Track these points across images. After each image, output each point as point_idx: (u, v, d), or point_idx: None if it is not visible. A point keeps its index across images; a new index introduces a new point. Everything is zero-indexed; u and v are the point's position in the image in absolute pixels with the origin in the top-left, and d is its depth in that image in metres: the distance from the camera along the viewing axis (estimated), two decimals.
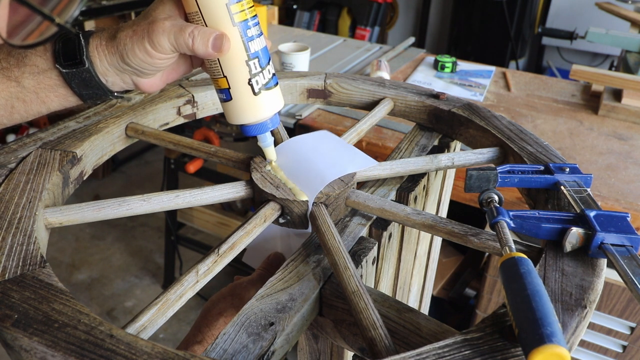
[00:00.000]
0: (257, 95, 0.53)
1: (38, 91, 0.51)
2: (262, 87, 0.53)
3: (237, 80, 0.52)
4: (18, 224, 0.48)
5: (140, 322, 0.41)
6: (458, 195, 1.22)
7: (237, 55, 0.51)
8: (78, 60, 0.49)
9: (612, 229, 0.44)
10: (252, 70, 0.52)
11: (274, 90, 0.54)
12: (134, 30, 0.49)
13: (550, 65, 3.15)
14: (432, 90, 0.77)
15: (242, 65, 0.51)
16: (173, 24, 0.49)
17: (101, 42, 0.50)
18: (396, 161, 0.62)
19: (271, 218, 0.55)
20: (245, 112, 0.54)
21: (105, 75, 0.51)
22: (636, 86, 1.43)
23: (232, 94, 0.53)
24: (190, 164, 1.83)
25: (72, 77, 0.50)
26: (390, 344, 0.40)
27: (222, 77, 0.52)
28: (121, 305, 2.12)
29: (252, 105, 0.53)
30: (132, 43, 0.49)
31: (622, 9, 1.88)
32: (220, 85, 0.53)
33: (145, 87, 0.54)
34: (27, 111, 0.52)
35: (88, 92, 0.52)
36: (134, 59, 0.50)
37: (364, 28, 3.17)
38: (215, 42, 0.49)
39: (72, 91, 0.52)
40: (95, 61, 0.50)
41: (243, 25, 0.50)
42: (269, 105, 0.54)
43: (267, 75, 0.53)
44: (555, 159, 0.60)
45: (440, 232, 0.51)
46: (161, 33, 0.48)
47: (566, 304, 0.41)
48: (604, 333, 1.27)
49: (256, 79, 0.52)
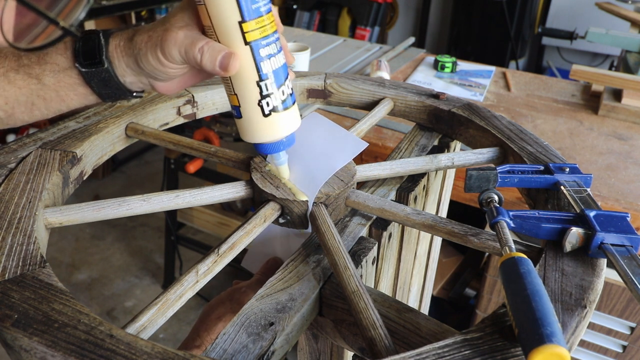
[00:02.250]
0: (267, 117, 0.50)
1: (58, 89, 0.51)
2: (273, 108, 0.50)
3: (247, 100, 0.50)
4: (18, 224, 0.48)
5: (140, 322, 0.41)
6: (458, 195, 1.22)
7: (247, 75, 0.49)
8: (97, 60, 0.49)
9: (612, 229, 0.44)
10: (263, 92, 0.49)
11: (289, 110, 0.51)
12: (150, 36, 0.48)
13: (550, 65, 3.15)
14: (432, 90, 0.77)
15: (252, 85, 0.49)
16: (187, 36, 0.47)
17: (120, 43, 0.50)
18: (396, 161, 0.62)
19: (271, 218, 0.55)
20: (255, 132, 0.52)
21: (123, 75, 0.51)
22: (636, 86, 1.43)
23: (242, 113, 0.51)
24: (190, 164, 1.83)
25: (91, 77, 0.50)
26: (390, 343, 0.40)
27: (233, 94, 0.50)
28: (121, 305, 2.12)
29: (262, 125, 0.51)
30: (146, 49, 0.48)
31: (622, 9, 1.88)
32: (232, 101, 0.51)
33: (161, 89, 0.53)
34: (48, 108, 0.52)
35: (107, 92, 0.52)
36: (147, 65, 0.49)
37: (364, 28, 3.17)
38: (223, 61, 0.47)
39: (92, 90, 0.51)
40: (114, 62, 0.50)
41: (256, 44, 0.47)
42: (280, 127, 0.52)
43: (281, 96, 0.50)
44: (555, 159, 0.60)
45: (440, 232, 0.51)
46: (173, 44, 0.47)
47: (566, 304, 0.41)
48: (604, 333, 1.27)
49: (267, 101, 0.50)
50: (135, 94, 0.54)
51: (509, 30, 2.65)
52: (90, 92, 0.52)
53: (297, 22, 3.34)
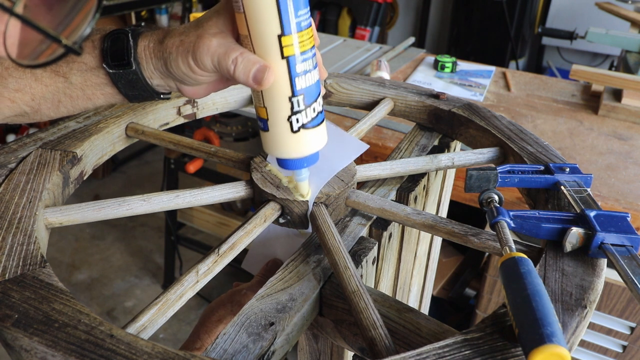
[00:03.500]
0: (295, 133, 0.49)
1: (85, 88, 0.50)
2: (303, 125, 0.49)
3: (276, 115, 0.48)
4: (18, 223, 0.48)
5: (140, 322, 0.41)
6: (458, 195, 1.22)
7: (281, 90, 0.47)
8: (126, 62, 0.48)
9: (612, 229, 0.44)
10: (295, 108, 0.48)
11: (317, 128, 0.50)
12: (182, 41, 0.47)
13: (550, 65, 3.15)
14: (432, 90, 0.77)
15: (284, 100, 0.47)
16: (220, 44, 0.46)
17: (149, 44, 0.48)
18: (396, 161, 0.62)
19: (271, 218, 0.55)
20: (281, 147, 0.50)
21: (151, 78, 0.50)
22: (636, 86, 1.43)
23: (270, 127, 0.49)
24: (190, 164, 1.83)
25: (118, 78, 0.49)
26: (390, 343, 0.40)
27: (262, 107, 0.49)
28: (121, 305, 2.12)
29: (289, 141, 0.50)
30: (177, 54, 0.47)
31: (622, 9, 1.88)
32: (260, 114, 0.50)
33: (189, 94, 0.52)
34: (74, 106, 0.51)
35: (134, 93, 0.51)
36: (177, 70, 0.48)
37: (364, 28, 3.17)
38: (257, 74, 0.45)
39: (118, 90, 0.50)
40: (143, 63, 0.49)
41: (293, 59, 0.46)
42: (307, 145, 0.50)
43: (311, 114, 0.49)
44: (555, 159, 0.60)
45: (440, 232, 0.51)
46: (206, 52, 0.46)
47: (566, 304, 0.41)
48: (604, 333, 1.27)
49: (297, 117, 0.48)
50: (162, 96, 0.53)
51: (509, 30, 2.65)
52: (117, 92, 0.51)
53: None
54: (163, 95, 0.53)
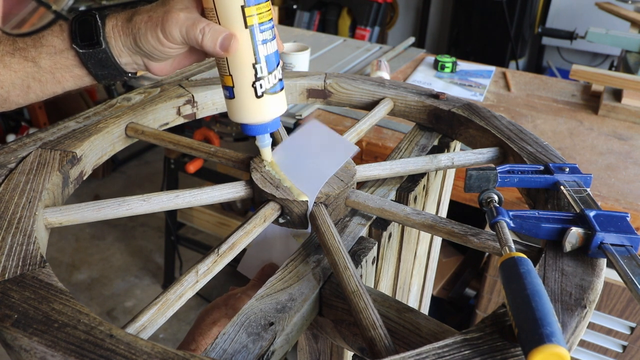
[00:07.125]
0: (260, 98, 0.53)
1: (54, 71, 0.52)
2: (265, 90, 0.53)
3: (242, 81, 0.53)
4: (18, 224, 0.48)
5: (140, 322, 0.41)
6: (458, 195, 1.22)
7: (245, 57, 0.51)
8: (95, 41, 0.51)
9: (612, 229, 0.44)
10: (258, 74, 0.52)
11: (278, 94, 0.55)
12: (150, 16, 0.50)
13: (550, 65, 3.15)
14: (432, 90, 0.77)
15: (248, 67, 0.52)
16: (187, 17, 0.49)
17: (117, 23, 0.51)
18: (396, 161, 0.62)
19: (271, 218, 0.55)
20: (246, 112, 0.55)
21: (119, 56, 0.53)
22: (636, 86, 1.43)
23: (236, 93, 0.54)
24: (190, 164, 1.83)
25: (88, 58, 0.51)
26: (390, 343, 0.40)
27: (228, 75, 0.53)
28: (121, 305, 2.12)
29: (254, 107, 0.54)
30: (145, 28, 0.50)
31: (622, 9, 1.88)
32: (226, 82, 0.54)
33: (155, 70, 0.55)
34: (43, 91, 0.54)
35: (103, 73, 0.53)
36: (146, 44, 0.51)
37: (364, 28, 3.17)
38: (224, 42, 0.49)
39: (88, 71, 0.53)
40: (111, 42, 0.51)
41: (255, 28, 0.50)
42: (270, 109, 0.55)
43: (273, 80, 0.53)
44: (555, 159, 0.60)
45: (440, 232, 0.51)
46: (174, 24, 0.49)
47: (566, 303, 0.41)
48: (604, 333, 1.27)
49: (260, 83, 0.53)
50: (130, 75, 0.55)
51: (509, 30, 2.65)
52: (86, 73, 0.53)
53: (297, 22, 3.34)
54: (130, 75, 0.56)
